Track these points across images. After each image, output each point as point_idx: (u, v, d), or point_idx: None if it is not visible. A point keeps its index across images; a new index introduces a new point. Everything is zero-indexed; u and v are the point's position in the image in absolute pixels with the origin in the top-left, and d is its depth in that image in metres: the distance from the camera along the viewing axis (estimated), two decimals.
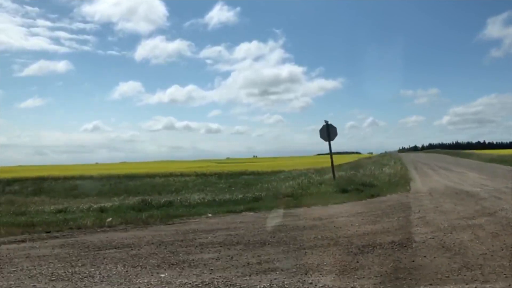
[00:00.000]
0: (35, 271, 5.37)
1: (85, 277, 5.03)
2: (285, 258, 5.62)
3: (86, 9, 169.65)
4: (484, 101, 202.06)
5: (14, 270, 5.48)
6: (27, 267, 5.65)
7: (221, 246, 6.50)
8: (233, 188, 22.18)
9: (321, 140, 16.65)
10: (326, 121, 16.53)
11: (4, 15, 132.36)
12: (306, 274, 4.83)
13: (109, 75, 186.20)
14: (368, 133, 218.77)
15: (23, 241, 7.87)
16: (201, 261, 5.59)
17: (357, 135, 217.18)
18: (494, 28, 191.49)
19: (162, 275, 5.01)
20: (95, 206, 13.79)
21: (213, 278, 4.80)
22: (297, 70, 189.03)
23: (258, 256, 5.77)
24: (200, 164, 57.13)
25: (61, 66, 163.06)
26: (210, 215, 10.18)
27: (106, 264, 5.64)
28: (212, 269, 5.18)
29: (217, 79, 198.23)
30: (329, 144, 16.82)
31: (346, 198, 12.02)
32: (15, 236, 8.44)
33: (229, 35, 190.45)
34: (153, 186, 28.07)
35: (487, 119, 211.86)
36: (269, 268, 5.15)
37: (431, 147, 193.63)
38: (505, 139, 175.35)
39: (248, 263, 5.40)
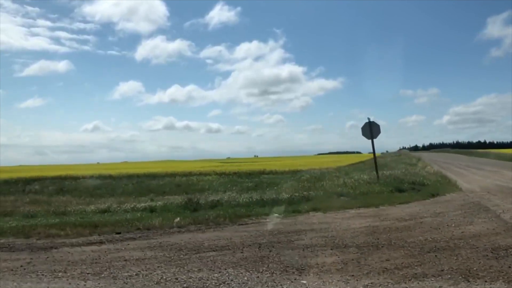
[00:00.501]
0: (156, 277, 4.92)
1: (220, 284, 4.58)
2: (419, 263, 5.17)
3: (87, 9, 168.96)
4: (484, 101, 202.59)
5: (130, 275, 5.03)
6: (139, 271, 5.20)
7: (331, 249, 6.05)
8: (264, 187, 21.71)
9: (321, 140, 16.48)
10: (368, 118, 16.10)
11: (4, 15, 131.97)
12: (468, 281, 4.40)
13: (109, 75, 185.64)
14: None
15: (100, 242, 7.44)
16: (332, 266, 5.15)
17: (357, 135, 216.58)
18: (494, 28, 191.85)
19: (304, 281, 4.57)
20: (139, 206, 13.33)
21: (372, 284, 4.36)
22: (297, 70, 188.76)
23: (386, 260, 5.33)
24: (203, 164, 56.55)
25: (62, 66, 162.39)
26: (276, 215, 9.74)
27: (226, 269, 5.19)
28: (355, 275, 4.74)
29: (217, 79, 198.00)
30: (372, 142, 16.39)
31: (408, 197, 11.59)
32: (85, 237, 8.01)
33: (229, 35, 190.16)
34: (177, 185, 27.45)
35: (487, 119, 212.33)
36: (415, 274, 4.71)
37: (432, 147, 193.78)
38: (505, 138, 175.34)
39: (385, 268, 4.96)
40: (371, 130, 16.11)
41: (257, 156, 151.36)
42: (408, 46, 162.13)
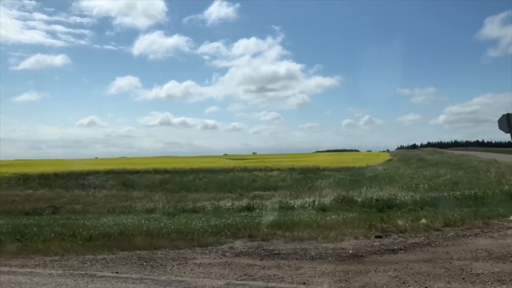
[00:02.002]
0: None
1: None
2: None
3: (85, 3, 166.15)
4: (480, 101, 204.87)
5: None
6: None
7: None
8: (365, 184, 21.35)
9: (318, 137, 16.28)
10: (508, 113, 15.67)
11: (0, 8, 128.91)
12: None
13: (106, 70, 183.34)
14: (364, 131, 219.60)
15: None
16: None
17: (353, 133, 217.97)
18: (492, 27, 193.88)
19: None
20: (295, 203, 12.95)
21: None
22: (295, 67, 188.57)
23: None
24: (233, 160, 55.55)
25: (58, 60, 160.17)
26: None
27: None
28: None
29: (214, 75, 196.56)
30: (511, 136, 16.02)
31: None
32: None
33: (227, 31, 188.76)
34: (232, 180, 26.98)
35: (483, 119, 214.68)
36: None
37: (429, 146, 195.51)
38: (501, 138, 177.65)
39: None
40: (510, 123, 15.64)
41: (256, 153, 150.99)
42: (406, 45, 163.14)
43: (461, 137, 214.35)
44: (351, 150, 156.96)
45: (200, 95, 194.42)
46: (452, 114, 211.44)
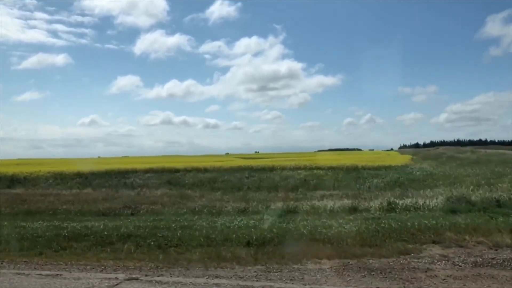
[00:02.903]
0: None
1: None
2: None
3: (86, 2, 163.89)
4: (482, 99, 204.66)
5: None
6: None
7: None
8: (416, 182, 20.82)
9: (318, 136, 16.10)
10: None
11: (1, 7, 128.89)
12: None
13: (107, 69, 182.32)
14: (365, 130, 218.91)
15: None
16: None
17: (354, 132, 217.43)
18: (493, 26, 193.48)
19: None
20: (404, 203, 12.28)
21: None
22: (296, 66, 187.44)
23: None
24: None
25: (59, 59, 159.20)
26: None
27: None
28: None
29: (216, 74, 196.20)
30: None
31: None
32: None
33: (229, 30, 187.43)
34: (285, 179, 26.24)
35: (484, 117, 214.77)
36: None
37: (432, 145, 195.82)
38: (503, 137, 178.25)
39: None
40: None
41: (258, 152, 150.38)
42: (407, 44, 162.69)
43: (462, 136, 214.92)
44: (353, 149, 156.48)
45: (201, 94, 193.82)
46: (453, 112, 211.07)
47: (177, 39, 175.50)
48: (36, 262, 7.28)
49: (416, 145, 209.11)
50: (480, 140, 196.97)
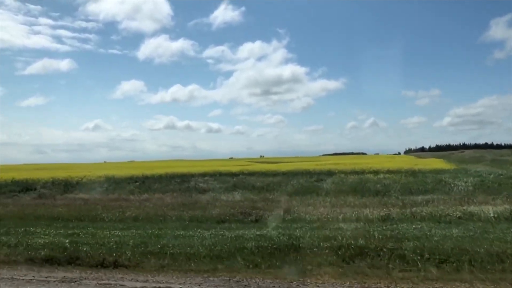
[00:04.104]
0: None
1: None
2: None
3: (91, 7, 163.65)
4: (485, 102, 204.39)
5: None
6: None
7: None
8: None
9: (321, 140, 14.91)
10: None
11: (6, 13, 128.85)
12: None
13: (111, 74, 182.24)
14: (369, 134, 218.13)
15: None
16: None
17: (358, 135, 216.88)
18: (497, 29, 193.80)
19: None
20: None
21: None
22: (300, 70, 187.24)
23: None
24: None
25: (64, 64, 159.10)
26: None
27: None
28: None
29: (219, 78, 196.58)
30: None
31: None
32: None
33: (232, 35, 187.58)
34: (351, 184, 25.08)
35: (488, 121, 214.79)
36: None
37: (438, 149, 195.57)
38: (507, 140, 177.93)
39: None
40: None
41: (263, 156, 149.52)
42: (410, 47, 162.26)
43: (465, 140, 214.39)
44: (358, 153, 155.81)
45: (205, 98, 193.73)
46: (457, 116, 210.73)
47: (181, 44, 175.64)
48: None
49: (422, 149, 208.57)
50: (486, 143, 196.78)
